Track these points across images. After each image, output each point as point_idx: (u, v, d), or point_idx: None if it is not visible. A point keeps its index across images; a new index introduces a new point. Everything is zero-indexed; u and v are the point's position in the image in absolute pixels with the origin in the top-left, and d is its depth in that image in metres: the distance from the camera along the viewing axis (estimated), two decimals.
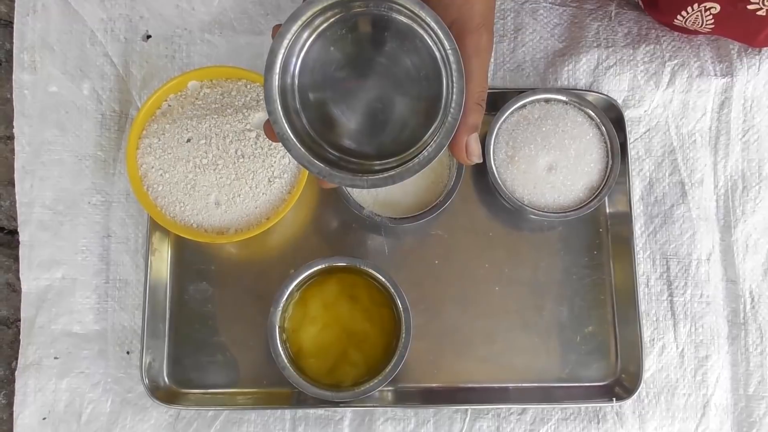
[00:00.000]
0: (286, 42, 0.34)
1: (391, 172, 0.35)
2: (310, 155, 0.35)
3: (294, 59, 0.35)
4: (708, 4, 0.50)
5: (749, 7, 0.48)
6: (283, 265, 0.53)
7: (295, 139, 0.35)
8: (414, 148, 0.36)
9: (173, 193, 0.51)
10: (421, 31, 0.34)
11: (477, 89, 0.35)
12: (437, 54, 0.34)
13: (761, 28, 0.51)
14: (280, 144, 0.40)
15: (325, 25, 0.35)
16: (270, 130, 0.35)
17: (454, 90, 0.33)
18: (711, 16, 0.51)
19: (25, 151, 0.56)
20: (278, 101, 0.35)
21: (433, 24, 0.33)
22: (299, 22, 0.34)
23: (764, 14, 0.49)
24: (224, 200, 0.50)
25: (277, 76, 0.35)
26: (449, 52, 0.33)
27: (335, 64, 0.36)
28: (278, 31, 0.34)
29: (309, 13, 0.34)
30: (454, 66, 0.33)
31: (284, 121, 0.35)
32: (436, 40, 0.34)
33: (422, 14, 0.33)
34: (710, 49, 0.58)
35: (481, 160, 0.36)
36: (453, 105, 0.33)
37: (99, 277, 0.55)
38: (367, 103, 0.37)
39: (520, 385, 0.54)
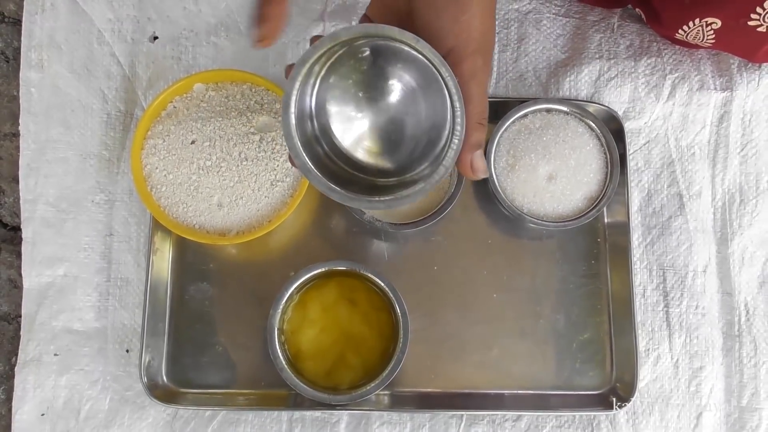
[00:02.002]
0: (297, 84, 0.37)
1: (405, 192, 0.38)
2: (330, 182, 0.38)
3: (309, 94, 0.38)
4: (709, 20, 0.50)
5: (750, 23, 0.49)
6: (284, 268, 0.54)
7: (316, 170, 0.38)
8: (423, 167, 0.39)
9: (176, 194, 0.51)
10: (423, 59, 0.36)
11: (477, 110, 0.37)
12: (440, 79, 0.36)
13: (761, 43, 0.52)
14: (287, 151, 0.42)
15: (333, 59, 0.38)
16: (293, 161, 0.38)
17: (457, 113, 0.36)
18: (712, 31, 0.52)
19: (30, 149, 0.57)
20: (296, 137, 0.38)
21: (429, 55, 0.35)
22: (308, 64, 0.37)
23: (764, 30, 0.49)
24: (227, 202, 0.51)
25: (293, 116, 0.37)
26: (447, 79, 0.35)
27: (348, 92, 0.39)
28: (290, 74, 0.37)
29: (316, 55, 0.36)
30: (453, 91, 0.35)
31: (304, 154, 0.38)
32: (435, 69, 0.36)
33: (418, 47, 0.35)
34: (711, 64, 0.59)
35: (487, 175, 0.39)
36: (457, 127, 0.36)
37: (100, 275, 0.55)
38: (380, 126, 0.40)
39: (515, 391, 0.54)
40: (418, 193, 0.37)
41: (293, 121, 0.37)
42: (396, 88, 0.39)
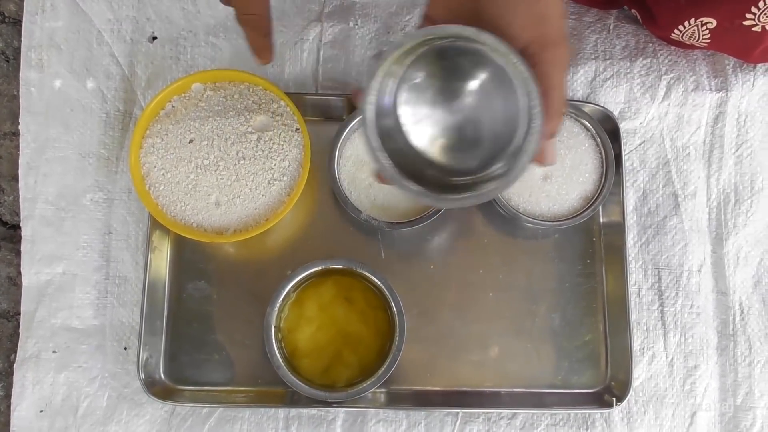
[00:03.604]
0: (379, 77, 0.38)
1: (488, 187, 0.38)
2: (422, 187, 0.39)
3: (386, 92, 0.39)
4: (705, 20, 0.51)
5: (745, 23, 0.49)
6: (281, 266, 0.54)
7: (398, 174, 0.39)
8: (498, 165, 0.39)
9: (174, 193, 0.51)
10: (498, 56, 0.37)
11: (558, 99, 0.36)
12: (516, 74, 0.37)
13: (756, 44, 0.52)
14: (283, 146, 0.43)
15: (408, 59, 0.39)
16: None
17: (534, 106, 0.35)
18: (707, 31, 0.52)
19: (30, 148, 0.57)
20: (376, 128, 0.38)
21: (503, 49, 0.35)
22: (388, 61, 0.37)
23: (759, 30, 0.50)
24: (224, 201, 0.51)
25: (372, 108, 0.38)
26: (524, 74, 0.35)
27: (423, 92, 0.40)
28: (370, 69, 0.38)
29: (395, 55, 0.37)
30: (531, 85, 0.35)
31: (381, 145, 0.38)
32: (511, 65, 0.36)
33: (495, 45, 0.35)
34: (706, 64, 0.59)
35: (555, 163, 0.38)
36: (536, 120, 0.36)
37: (99, 273, 0.56)
38: (454, 125, 0.40)
39: (511, 389, 0.54)
40: (499, 187, 0.38)
41: (373, 116, 0.38)
42: (471, 87, 0.39)
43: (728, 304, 0.56)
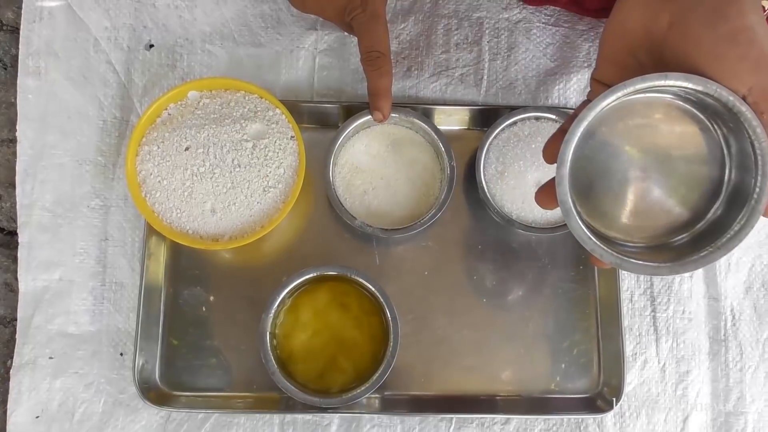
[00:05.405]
0: (575, 140, 0.36)
1: (699, 255, 0.36)
2: (622, 255, 0.37)
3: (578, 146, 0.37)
4: None
5: None
6: (276, 273, 0.54)
7: (602, 247, 0.37)
8: (694, 228, 0.38)
9: (170, 200, 0.52)
10: (700, 114, 0.35)
11: None
12: (717, 134, 0.35)
13: None
14: (278, 154, 0.45)
15: (602, 114, 0.37)
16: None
17: (758, 154, 0.33)
18: None
19: (27, 154, 0.57)
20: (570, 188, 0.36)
21: (721, 94, 0.33)
22: (585, 122, 0.36)
23: None
24: (220, 208, 0.51)
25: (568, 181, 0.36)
26: (745, 116, 0.33)
27: (616, 150, 0.38)
28: (566, 137, 0.36)
29: (596, 111, 0.35)
30: (757, 131, 0.33)
31: (581, 225, 0.37)
32: (727, 109, 0.34)
33: (709, 90, 0.33)
34: None
35: None
36: (759, 185, 0.34)
37: (95, 280, 0.56)
38: (644, 186, 0.38)
39: (504, 395, 0.55)
40: (715, 254, 0.35)
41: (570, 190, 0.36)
42: (667, 147, 0.37)
43: (720, 309, 0.57)
